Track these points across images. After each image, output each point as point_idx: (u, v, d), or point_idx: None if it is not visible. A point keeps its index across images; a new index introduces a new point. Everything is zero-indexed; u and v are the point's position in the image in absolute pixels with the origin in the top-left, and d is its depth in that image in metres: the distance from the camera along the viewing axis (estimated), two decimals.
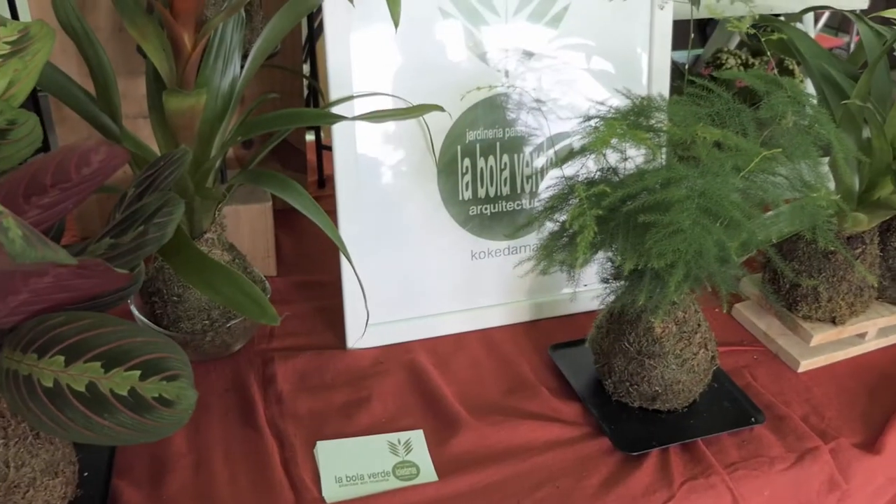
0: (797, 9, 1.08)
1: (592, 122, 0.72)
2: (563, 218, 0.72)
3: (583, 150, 0.70)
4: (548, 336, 0.94)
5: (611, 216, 0.68)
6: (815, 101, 0.71)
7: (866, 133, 0.83)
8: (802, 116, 0.70)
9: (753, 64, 1.09)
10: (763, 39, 0.86)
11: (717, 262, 0.67)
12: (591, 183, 0.71)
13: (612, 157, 0.74)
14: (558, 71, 0.91)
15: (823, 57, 0.85)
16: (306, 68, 1.19)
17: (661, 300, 0.69)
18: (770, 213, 0.77)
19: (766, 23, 0.91)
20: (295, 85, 1.12)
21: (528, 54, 0.89)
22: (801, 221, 0.68)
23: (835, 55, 0.86)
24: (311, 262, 1.06)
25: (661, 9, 0.90)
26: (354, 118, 0.78)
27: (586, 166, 0.74)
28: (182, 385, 0.50)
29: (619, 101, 0.76)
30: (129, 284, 0.56)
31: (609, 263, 0.76)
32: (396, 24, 0.73)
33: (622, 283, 0.75)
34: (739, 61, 1.10)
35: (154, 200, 0.56)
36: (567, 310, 0.98)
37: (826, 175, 0.72)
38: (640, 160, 0.74)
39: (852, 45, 3.57)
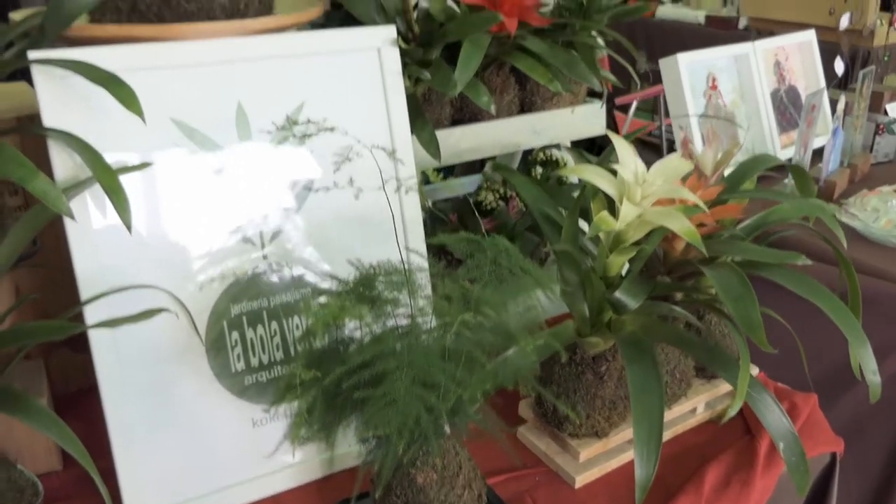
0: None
1: (321, 298, 0.77)
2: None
3: (307, 334, 0.74)
4: (340, 491, 0.96)
5: (337, 390, 0.72)
6: (514, 253, 0.78)
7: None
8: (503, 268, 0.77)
9: (510, 196, 1.19)
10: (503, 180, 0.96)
11: (448, 415, 0.73)
12: (320, 356, 0.75)
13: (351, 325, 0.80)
14: (311, 236, 0.97)
15: (543, 200, 0.95)
16: None
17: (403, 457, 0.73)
18: (510, 351, 0.83)
19: (498, 171, 1.00)
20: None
21: (277, 232, 0.94)
22: (513, 370, 0.75)
23: (551, 198, 0.96)
24: (102, 448, 1.04)
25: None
26: (92, 326, 0.79)
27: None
28: None
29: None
30: None
31: None
32: (129, 227, 0.78)
33: (370, 442, 0.79)
34: (498, 195, 1.20)
35: None
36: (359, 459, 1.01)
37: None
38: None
39: (664, 130, 3.91)
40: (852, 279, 0.95)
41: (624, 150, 0.79)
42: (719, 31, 3.87)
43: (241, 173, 0.92)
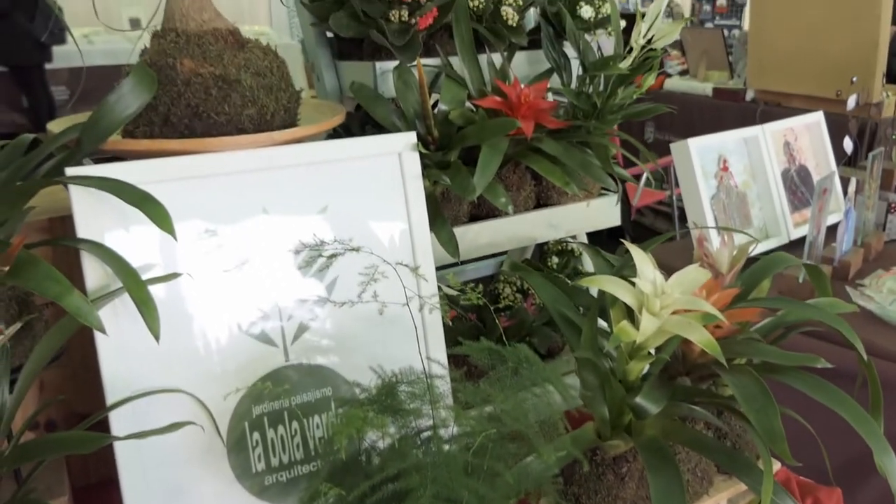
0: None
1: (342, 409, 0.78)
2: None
3: (328, 445, 0.75)
4: None
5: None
6: (535, 362, 0.80)
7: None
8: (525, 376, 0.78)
9: (528, 290, 1.21)
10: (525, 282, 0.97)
11: None
12: (342, 469, 0.76)
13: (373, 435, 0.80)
14: (332, 338, 0.98)
15: (560, 300, 0.97)
16: None
17: None
18: (530, 458, 0.84)
19: (516, 271, 1.02)
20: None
21: (299, 334, 0.96)
22: (535, 480, 0.75)
23: (568, 295, 0.97)
24: None
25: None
26: (121, 438, 0.81)
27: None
28: None
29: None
30: None
31: None
32: (157, 338, 0.79)
33: None
34: (515, 288, 1.22)
35: None
36: None
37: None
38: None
39: (675, 199, 3.95)
40: (874, 383, 0.95)
41: (642, 262, 0.80)
42: (727, 103, 3.94)
43: (264, 278, 0.94)
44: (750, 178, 2.00)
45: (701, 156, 1.85)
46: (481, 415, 0.77)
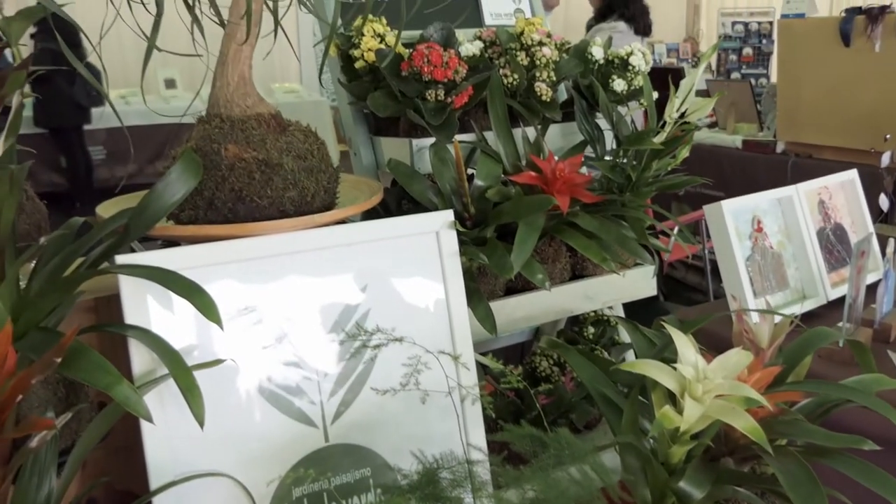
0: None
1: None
2: None
3: None
4: None
5: None
6: (576, 447, 0.79)
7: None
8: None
9: (565, 363, 1.21)
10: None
11: None
12: None
13: None
14: (372, 419, 0.98)
15: (600, 379, 0.96)
16: None
17: None
18: None
19: (554, 349, 1.02)
20: None
21: (339, 414, 0.97)
22: None
23: (609, 376, 0.97)
24: None
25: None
26: None
27: None
28: None
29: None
30: None
31: None
32: (201, 424, 0.80)
33: None
34: (552, 361, 1.22)
35: None
36: None
37: None
38: None
39: (707, 251, 3.92)
40: None
41: (683, 345, 0.80)
42: (757, 155, 3.93)
43: (304, 357, 0.95)
44: (785, 239, 1.98)
45: (735, 217, 1.84)
46: (523, 500, 0.76)
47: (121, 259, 0.85)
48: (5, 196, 0.82)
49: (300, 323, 0.96)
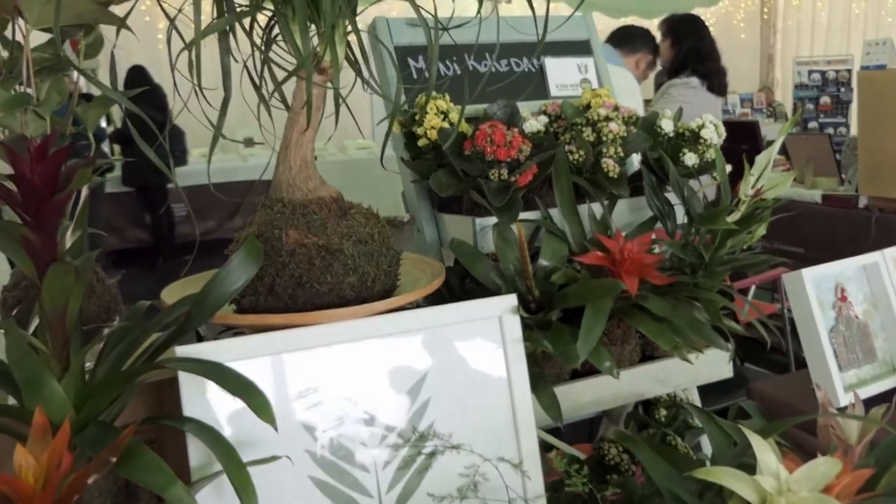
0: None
1: None
2: None
3: None
4: None
5: None
6: None
7: None
8: None
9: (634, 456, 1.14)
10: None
11: None
12: None
13: None
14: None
15: (673, 479, 0.90)
16: None
17: None
18: None
19: (623, 441, 0.97)
20: None
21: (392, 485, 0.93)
22: None
23: (679, 468, 0.91)
24: None
25: None
26: None
27: None
28: None
29: None
30: None
31: None
32: None
33: None
34: (621, 448, 1.16)
35: None
36: None
37: None
38: None
39: (786, 310, 3.75)
40: None
41: (764, 454, 0.74)
42: (838, 210, 3.78)
43: (360, 447, 0.93)
44: (871, 308, 1.87)
45: (816, 286, 1.75)
46: None
47: (180, 351, 0.84)
48: (71, 287, 0.83)
49: (355, 408, 0.93)
